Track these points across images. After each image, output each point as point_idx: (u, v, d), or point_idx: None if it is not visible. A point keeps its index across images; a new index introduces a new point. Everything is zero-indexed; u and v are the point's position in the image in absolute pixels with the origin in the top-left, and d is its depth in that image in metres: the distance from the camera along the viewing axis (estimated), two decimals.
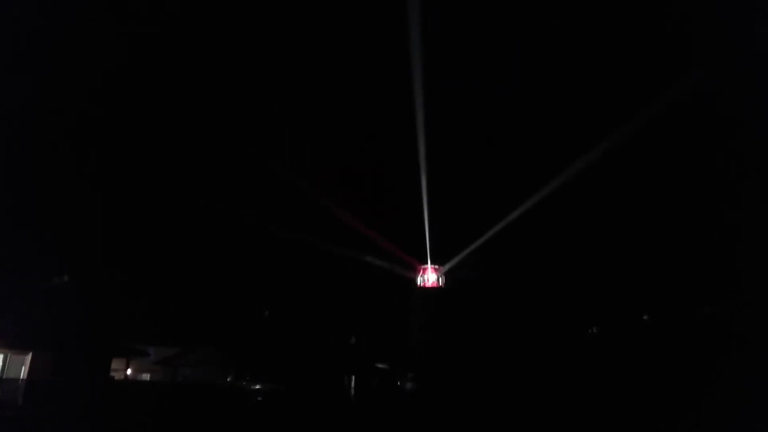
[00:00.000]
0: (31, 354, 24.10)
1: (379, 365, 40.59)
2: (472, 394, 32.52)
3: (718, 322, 29.64)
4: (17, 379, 23.00)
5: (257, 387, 32.21)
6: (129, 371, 33.04)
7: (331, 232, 42.48)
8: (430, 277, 45.70)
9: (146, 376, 34.92)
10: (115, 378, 29.76)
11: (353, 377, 38.33)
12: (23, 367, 23.92)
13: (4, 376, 23.10)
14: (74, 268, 28.20)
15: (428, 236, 44.08)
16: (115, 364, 30.26)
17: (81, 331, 26.18)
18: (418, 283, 45.44)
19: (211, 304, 41.24)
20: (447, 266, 45.23)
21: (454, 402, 31.07)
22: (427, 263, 45.63)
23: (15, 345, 23.51)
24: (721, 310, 30.37)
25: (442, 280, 45.69)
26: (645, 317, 36.32)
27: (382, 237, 42.92)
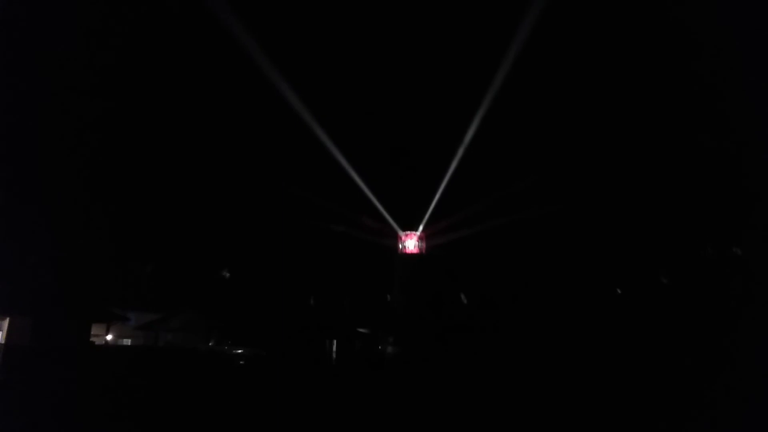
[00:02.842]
0: (8, 319, 23.76)
1: (361, 330, 40.85)
2: (451, 358, 32.90)
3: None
4: None
5: (239, 351, 32.24)
6: (109, 336, 32.82)
7: (313, 198, 42.32)
8: (408, 243, 45.83)
9: (127, 342, 34.74)
10: (96, 343, 29.55)
11: (335, 342, 38.54)
12: (0, 333, 23.60)
13: None
14: (56, 234, 27.74)
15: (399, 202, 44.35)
16: (96, 329, 29.99)
17: (61, 296, 25.81)
18: (399, 250, 45.60)
19: (192, 269, 40.95)
20: (428, 231, 45.40)
21: (434, 365, 31.38)
22: (409, 230, 45.72)
23: None
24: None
25: (422, 246, 45.87)
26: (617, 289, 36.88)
27: (365, 205, 42.92)
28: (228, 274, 41.79)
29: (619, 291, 36.91)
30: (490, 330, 35.28)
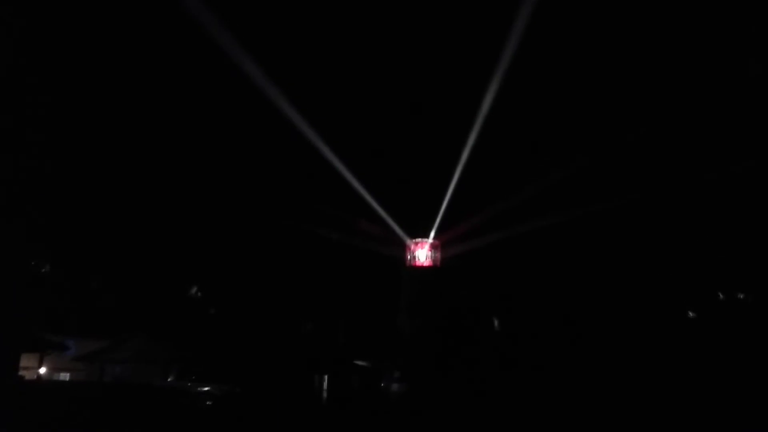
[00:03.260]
0: None
1: (359, 362, 40.60)
2: (474, 400, 32.58)
3: None
4: None
5: (206, 389, 32.02)
6: (43, 370, 32.63)
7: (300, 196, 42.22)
8: (419, 254, 45.42)
9: (65, 376, 34.60)
10: (26, 378, 29.32)
11: (325, 377, 38.30)
12: None
13: None
14: None
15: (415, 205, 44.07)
16: (26, 360, 29.76)
17: None
18: (407, 262, 45.19)
19: (147, 285, 40.74)
20: (443, 238, 45.01)
21: (451, 408, 31.11)
22: (420, 237, 45.38)
23: None
24: None
25: (436, 256, 45.45)
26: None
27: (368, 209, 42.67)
28: (193, 292, 41.65)
29: (691, 314, 36.67)
30: (531, 366, 34.86)
